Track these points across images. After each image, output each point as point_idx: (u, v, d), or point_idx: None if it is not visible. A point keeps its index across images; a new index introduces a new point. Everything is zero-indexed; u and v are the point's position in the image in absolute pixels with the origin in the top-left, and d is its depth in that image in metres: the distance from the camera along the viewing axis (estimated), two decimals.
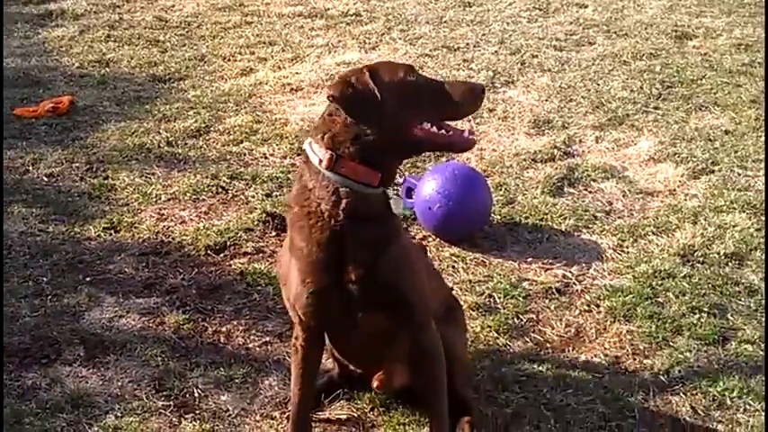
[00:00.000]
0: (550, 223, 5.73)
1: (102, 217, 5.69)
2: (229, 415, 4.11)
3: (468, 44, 9.04)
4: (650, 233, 5.61)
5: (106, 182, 6.13)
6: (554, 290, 5.06)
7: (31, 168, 6.28)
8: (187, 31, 9.31)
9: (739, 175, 6.31)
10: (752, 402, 4.19)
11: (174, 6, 10.14)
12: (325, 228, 3.37)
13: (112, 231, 5.57)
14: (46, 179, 6.16)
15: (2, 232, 5.50)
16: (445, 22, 9.76)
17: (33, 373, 4.31)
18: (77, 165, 6.36)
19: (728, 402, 4.20)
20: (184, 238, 5.51)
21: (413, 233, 5.56)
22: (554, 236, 5.61)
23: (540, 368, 4.41)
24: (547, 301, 4.97)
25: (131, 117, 7.17)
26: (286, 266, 3.59)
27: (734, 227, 5.63)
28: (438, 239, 5.51)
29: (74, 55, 8.51)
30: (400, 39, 9.18)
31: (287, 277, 3.59)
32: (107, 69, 8.20)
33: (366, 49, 8.88)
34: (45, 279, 5.07)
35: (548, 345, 4.62)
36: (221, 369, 4.37)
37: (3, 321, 4.67)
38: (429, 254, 5.23)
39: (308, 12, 10.02)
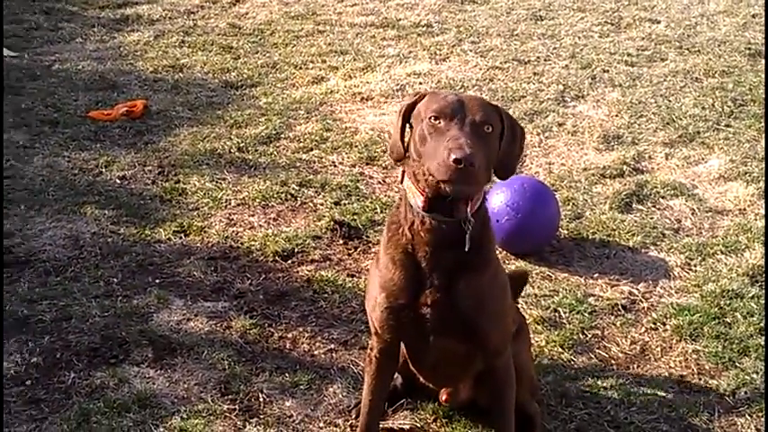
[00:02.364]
0: (618, 239, 5.71)
1: (172, 220, 5.76)
2: (293, 421, 4.14)
3: (538, 57, 9.02)
4: (719, 252, 5.56)
5: (177, 186, 6.20)
6: (620, 306, 5.05)
7: (104, 170, 6.37)
8: (260, 39, 9.38)
9: None
10: None
11: (247, 14, 10.23)
12: (405, 249, 3.41)
13: (182, 235, 5.64)
14: (118, 181, 6.25)
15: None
16: (516, 35, 9.76)
17: (102, 373, 4.37)
18: (149, 168, 6.44)
19: None
20: (253, 243, 5.56)
21: None
22: (621, 252, 5.59)
23: (605, 384, 4.40)
24: (613, 317, 4.96)
25: (203, 122, 7.25)
26: (371, 277, 3.63)
27: None
28: (505, 252, 5.51)
29: (148, 60, 8.62)
30: (471, 51, 9.19)
31: (370, 288, 3.64)
32: (180, 74, 8.30)
33: (437, 61, 8.90)
34: (115, 280, 5.14)
35: (612, 361, 4.60)
36: (286, 375, 4.41)
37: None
38: None
39: (380, 22, 10.05)
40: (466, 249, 3.32)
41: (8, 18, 9.53)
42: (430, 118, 3.21)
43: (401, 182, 3.43)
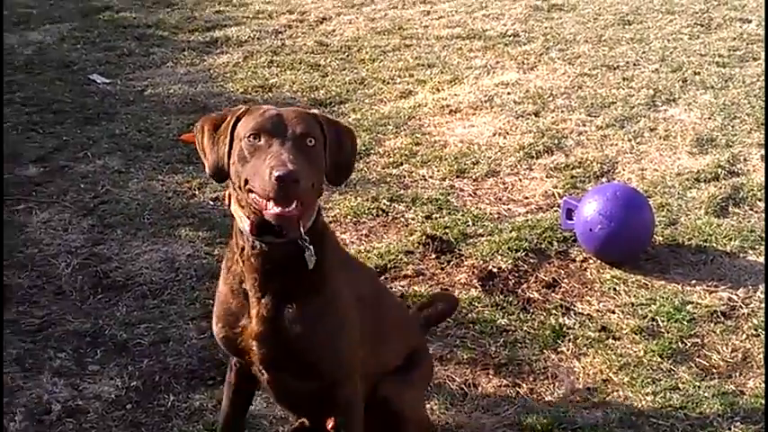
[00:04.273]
0: (715, 245, 5.61)
1: None
2: None
3: (627, 62, 8.93)
4: None
5: None
6: (719, 313, 4.95)
7: (197, 192, 6.43)
8: (347, 55, 9.42)
9: None
10: None
11: (334, 31, 10.28)
12: (240, 278, 3.28)
13: None
14: (211, 203, 6.30)
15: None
16: (604, 40, 9.67)
17: (200, 395, 4.41)
18: None
19: None
20: None
21: (573, 255, 5.52)
22: (719, 257, 5.49)
23: (706, 394, 4.32)
24: (712, 324, 4.87)
25: None
26: (215, 303, 3.52)
27: None
28: (599, 261, 5.45)
29: (238, 81, 8.69)
30: (559, 58, 9.13)
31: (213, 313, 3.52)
32: (270, 94, 8.35)
33: (525, 70, 8.85)
34: (211, 302, 5.14)
35: (714, 370, 4.52)
36: None
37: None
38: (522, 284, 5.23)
39: (467, 33, 10.03)
40: (310, 268, 3.16)
41: (101, 45, 9.72)
42: (249, 137, 3.06)
43: (228, 206, 3.27)
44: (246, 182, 3.04)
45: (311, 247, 3.14)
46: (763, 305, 5.02)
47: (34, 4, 11.15)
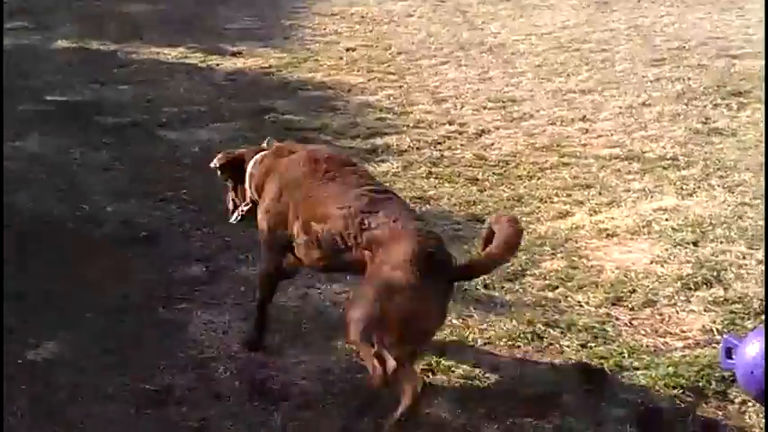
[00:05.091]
0: None
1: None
2: None
3: None
4: None
5: None
6: None
7: None
8: (505, 171, 9.45)
9: None
10: None
11: (493, 145, 10.34)
12: None
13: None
14: None
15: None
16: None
17: None
18: None
19: None
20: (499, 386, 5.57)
21: (732, 396, 5.42)
22: None
23: None
24: None
25: None
26: None
27: None
28: (759, 405, 5.34)
29: (398, 190, 8.76)
30: (719, 185, 9.00)
31: None
32: (428, 206, 8.44)
33: (683, 195, 8.76)
34: (365, 419, 5.23)
35: None
36: None
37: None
38: None
39: (625, 154, 9.98)
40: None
41: None
42: None
43: None
44: None
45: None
46: None
47: (204, 102, 11.58)
